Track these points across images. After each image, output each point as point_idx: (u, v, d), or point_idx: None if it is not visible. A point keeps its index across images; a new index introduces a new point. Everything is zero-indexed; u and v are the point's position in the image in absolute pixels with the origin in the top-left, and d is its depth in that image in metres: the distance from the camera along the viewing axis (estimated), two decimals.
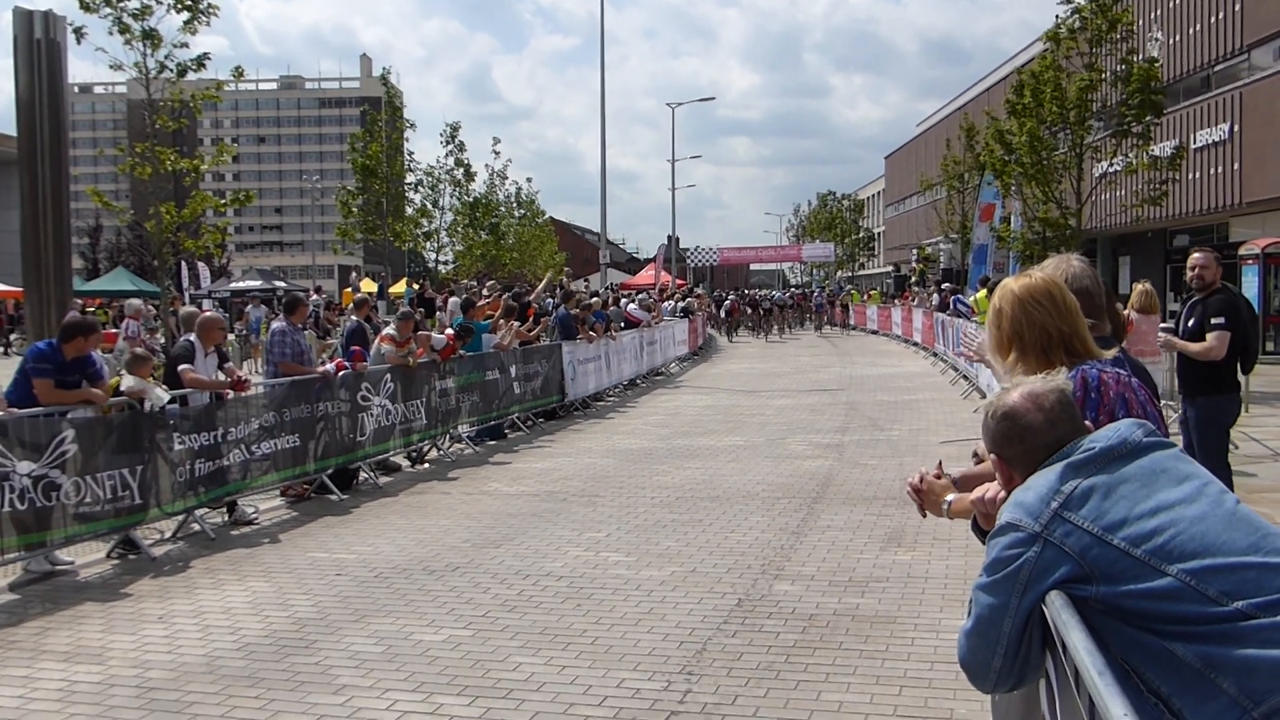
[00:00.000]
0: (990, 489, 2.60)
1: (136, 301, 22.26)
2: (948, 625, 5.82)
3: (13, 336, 36.39)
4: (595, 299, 22.15)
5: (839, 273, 78.67)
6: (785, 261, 79.93)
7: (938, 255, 48.69)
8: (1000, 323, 3.00)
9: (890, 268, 75.76)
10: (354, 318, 13.61)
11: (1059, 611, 2.03)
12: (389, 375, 11.67)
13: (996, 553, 2.25)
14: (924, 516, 3.21)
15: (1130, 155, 23.66)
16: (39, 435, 7.51)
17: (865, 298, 48.41)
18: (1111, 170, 24.43)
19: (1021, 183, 25.00)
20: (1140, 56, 24.07)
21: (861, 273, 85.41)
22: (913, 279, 46.47)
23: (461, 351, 13.64)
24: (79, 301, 14.70)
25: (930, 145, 60.05)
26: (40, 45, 12.29)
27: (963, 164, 40.94)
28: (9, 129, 13.89)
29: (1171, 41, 32.54)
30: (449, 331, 13.86)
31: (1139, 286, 10.34)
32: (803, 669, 5.36)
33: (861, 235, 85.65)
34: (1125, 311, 10.34)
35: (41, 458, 7.42)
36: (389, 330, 12.31)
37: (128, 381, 8.52)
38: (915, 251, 54.19)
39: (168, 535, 8.80)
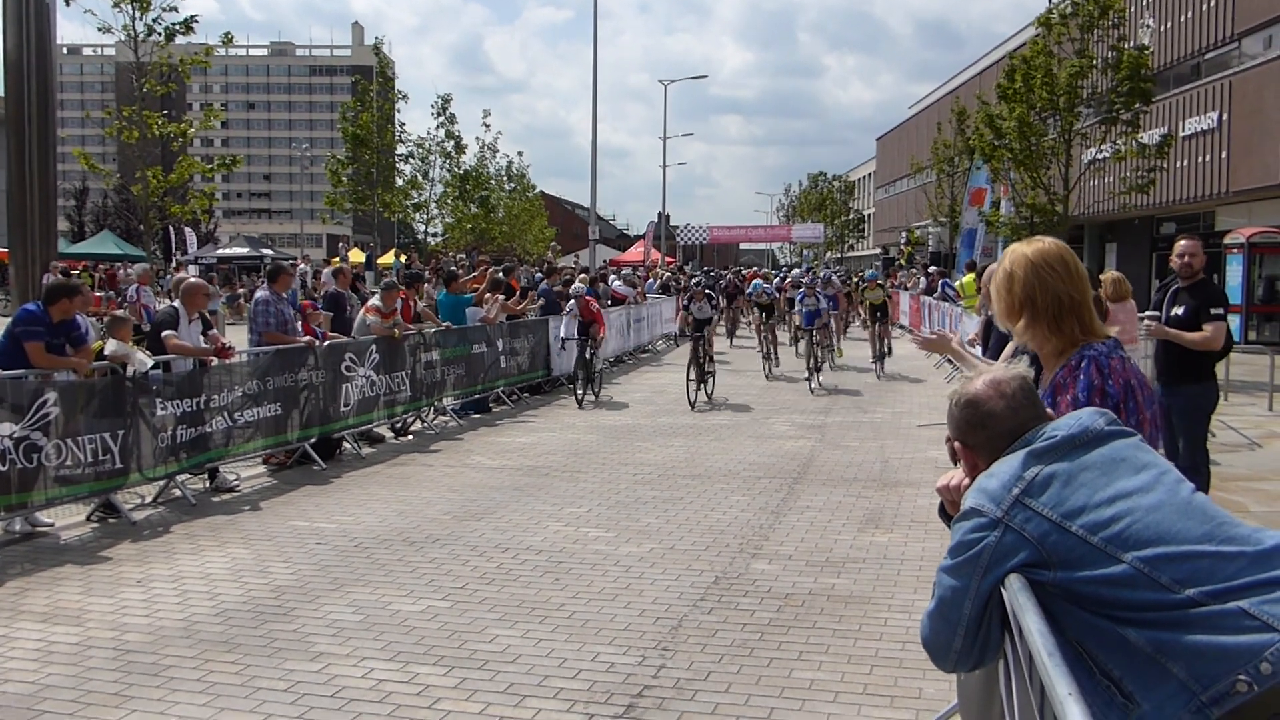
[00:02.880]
0: (955, 476, 2.64)
1: (143, 265, 22.10)
2: (921, 606, 5.84)
3: None
4: (583, 276, 22.15)
5: (828, 253, 78.67)
6: (775, 241, 79.81)
7: (926, 238, 48.78)
8: (1012, 286, 2.99)
9: (879, 250, 75.82)
10: (333, 286, 13.56)
11: (1016, 594, 2.08)
12: (374, 346, 11.67)
13: (959, 536, 2.30)
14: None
15: (1119, 142, 23.72)
16: (21, 397, 7.51)
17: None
18: (1100, 157, 24.49)
19: (1010, 168, 25.05)
20: (1131, 43, 24.07)
21: (850, 254, 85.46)
22: (900, 261, 46.58)
23: (448, 324, 13.66)
24: (59, 264, 14.59)
25: (922, 128, 60.00)
26: (29, 5, 12.18)
27: (953, 148, 40.95)
28: None
29: (1163, 28, 32.54)
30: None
31: (1109, 275, 10.38)
32: (776, 647, 5.42)
33: (852, 217, 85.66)
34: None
35: (23, 419, 7.42)
36: (374, 301, 12.30)
37: (111, 346, 8.51)
38: (905, 234, 54.27)
39: (148, 500, 8.82)
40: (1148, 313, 8.63)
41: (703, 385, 15.17)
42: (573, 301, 15.59)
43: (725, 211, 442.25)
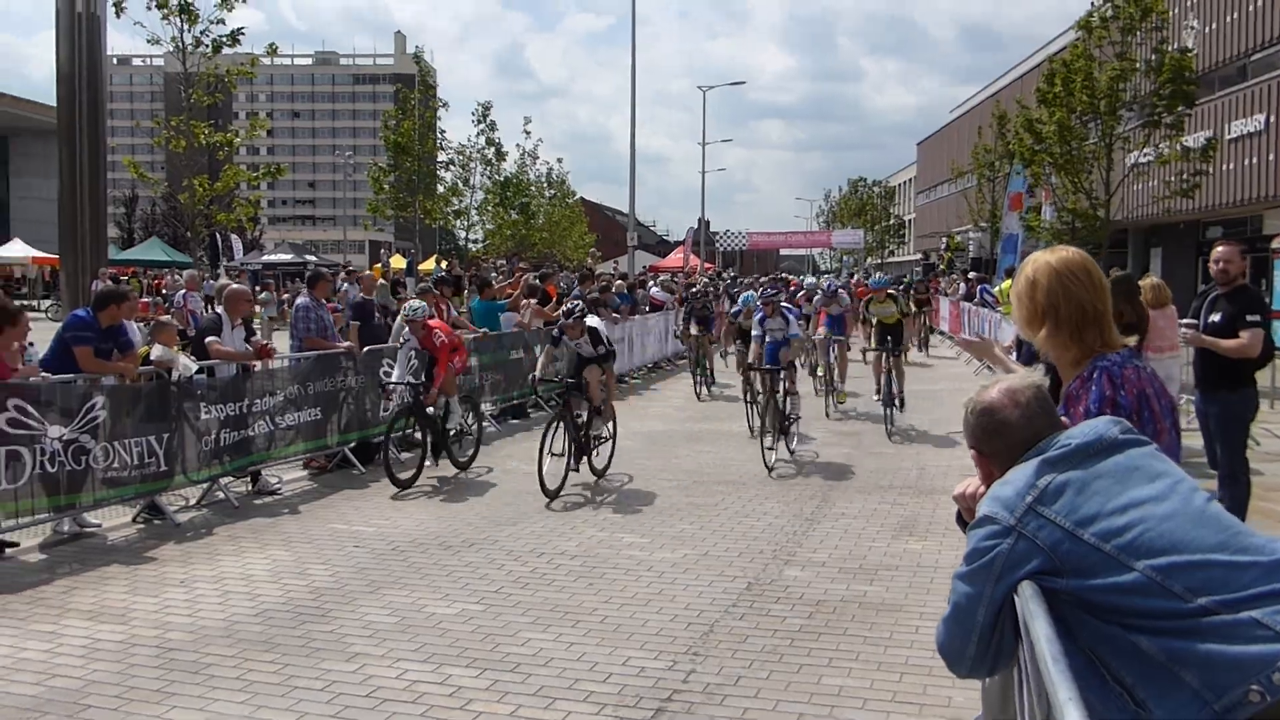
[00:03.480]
0: (971, 483, 2.67)
1: (191, 272, 22.50)
2: None
3: (47, 303, 36.92)
4: (621, 282, 22.24)
5: (868, 259, 78.26)
6: (815, 247, 79.63)
7: (967, 244, 48.43)
8: (1034, 295, 2.98)
9: (919, 255, 75.32)
10: (360, 294, 13.69)
11: (1027, 602, 2.11)
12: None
13: (973, 543, 2.33)
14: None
15: (1161, 146, 23.45)
16: (70, 401, 7.70)
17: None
18: (1142, 161, 24.22)
19: (1051, 172, 24.84)
20: (1174, 45, 23.81)
21: (890, 259, 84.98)
22: (940, 267, 46.28)
23: (484, 330, 13.78)
24: (108, 271, 14.89)
25: (963, 132, 59.55)
26: (81, 19, 12.50)
27: (993, 152, 40.65)
28: (50, 100, 14.10)
29: (1207, 30, 32.10)
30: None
31: (1148, 280, 10.27)
32: (806, 653, 5.45)
33: (892, 222, 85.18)
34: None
35: (72, 422, 7.61)
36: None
37: (156, 351, 8.70)
38: (945, 240, 53.90)
39: (192, 502, 8.99)
40: (1185, 319, 8.55)
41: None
42: (404, 325, 10.62)
43: (765, 217, 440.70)
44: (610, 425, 10.34)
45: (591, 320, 10.34)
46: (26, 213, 52.19)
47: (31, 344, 8.78)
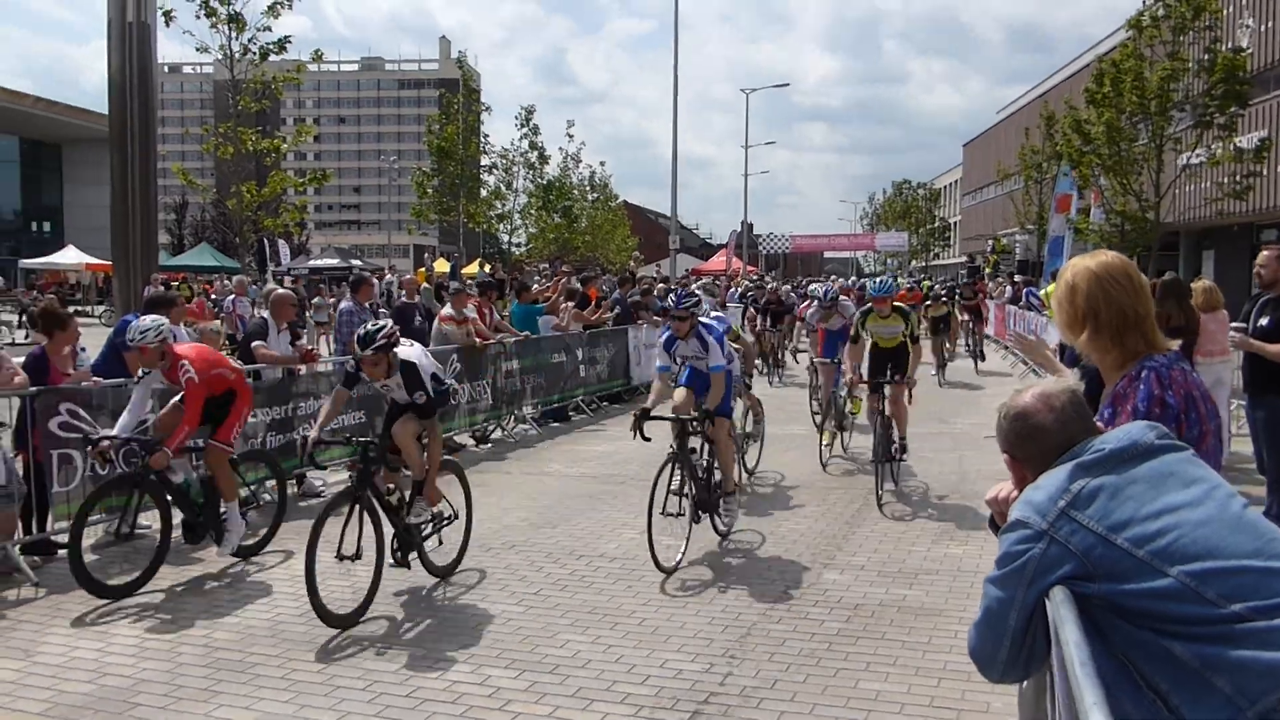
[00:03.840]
0: (1004, 488, 2.67)
1: (240, 277, 22.89)
2: None
3: (101, 308, 37.65)
4: (662, 285, 22.27)
5: (912, 262, 77.67)
6: (859, 250, 79.27)
7: (1013, 247, 47.92)
8: (1074, 299, 2.98)
9: (964, 258, 74.66)
10: (403, 298, 13.83)
11: (1058, 606, 2.11)
12: (455, 355, 11.92)
13: (1006, 548, 2.34)
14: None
15: (1214, 147, 23.07)
16: (121, 404, 7.85)
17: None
18: (1194, 162, 23.85)
19: (1099, 174, 24.53)
20: (1228, 45, 23.43)
21: (935, 263, 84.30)
22: (986, 270, 45.84)
23: (526, 333, 13.87)
24: (159, 276, 15.18)
25: (1010, 134, 58.96)
26: (132, 28, 12.70)
27: (1041, 153, 40.20)
28: (101, 108, 14.39)
29: (1263, 28, 31.53)
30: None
31: (1200, 284, 10.11)
32: (844, 657, 5.44)
33: (937, 225, 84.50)
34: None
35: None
36: (446, 310, 12.52)
37: None
38: (991, 243, 53.38)
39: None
40: (1235, 323, 8.42)
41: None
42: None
43: (808, 220, 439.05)
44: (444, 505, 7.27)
45: (405, 352, 6.96)
46: (80, 220, 53.29)
47: (84, 349, 8.95)
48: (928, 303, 20.45)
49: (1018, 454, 2.54)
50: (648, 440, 7.29)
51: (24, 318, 29.51)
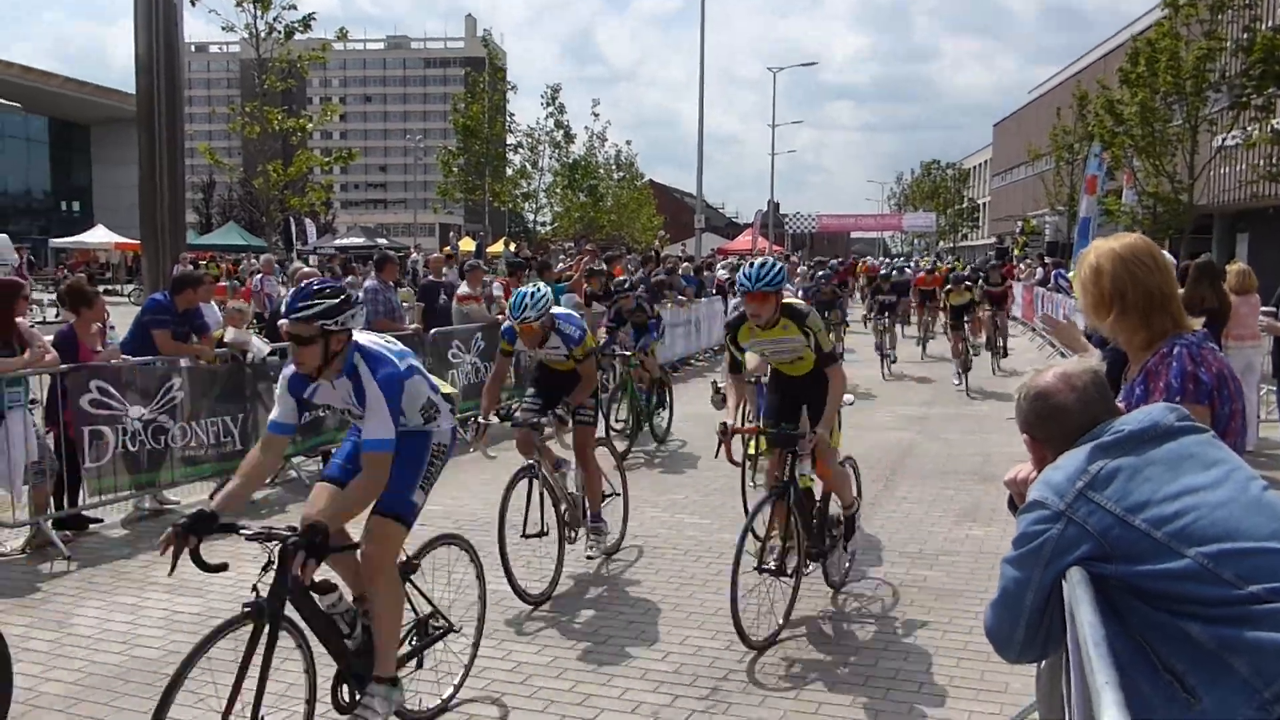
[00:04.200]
0: (1023, 469, 2.67)
1: (268, 256, 23.05)
2: None
3: (129, 287, 38.00)
4: (687, 265, 22.25)
5: (940, 243, 77.17)
6: (886, 230, 78.73)
7: (1043, 228, 47.49)
8: (1100, 281, 2.97)
9: (993, 239, 74.08)
10: (429, 276, 13.89)
11: (1074, 587, 2.11)
12: (479, 334, 11.97)
13: (1023, 528, 2.33)
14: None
15: (1250, 128, 22.75)
16: (149, 382, 7.97)
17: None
18: (1229, 144, 23.53)
19: (1132, 155, 24.24)
20: (1268, 24, 23.05)
21: (964, 244, 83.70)
22: (1016, 251, 45.48)
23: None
24: (187, 255, 15.31)
25: (1042, 113, 58.29)
26: (158, 7, 12.79)
27: (1073, 134, 39.76)
28: (129, 88, 14.50)
29: None
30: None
31: (1234, 267, 10.00)
32: (863, 636, 5.46)
33: (965, 205, 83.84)
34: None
35: (151, 403, 7.88)
36: (463, 288, 12.57)
37: (230, 334, 8.95)
38: (1020, 224, 52.93)
39: (266, 481, 9.22)
40: (1265, 308, 8.35)
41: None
42: None
43: (835, 200, 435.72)
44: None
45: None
46: (109, 199, 53.79)
47: (112, 326, 9.07)
48: (948, 287, 17.18)
49: (1038, 434, 2.53)
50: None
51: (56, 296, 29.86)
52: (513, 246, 38.08)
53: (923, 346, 19.66)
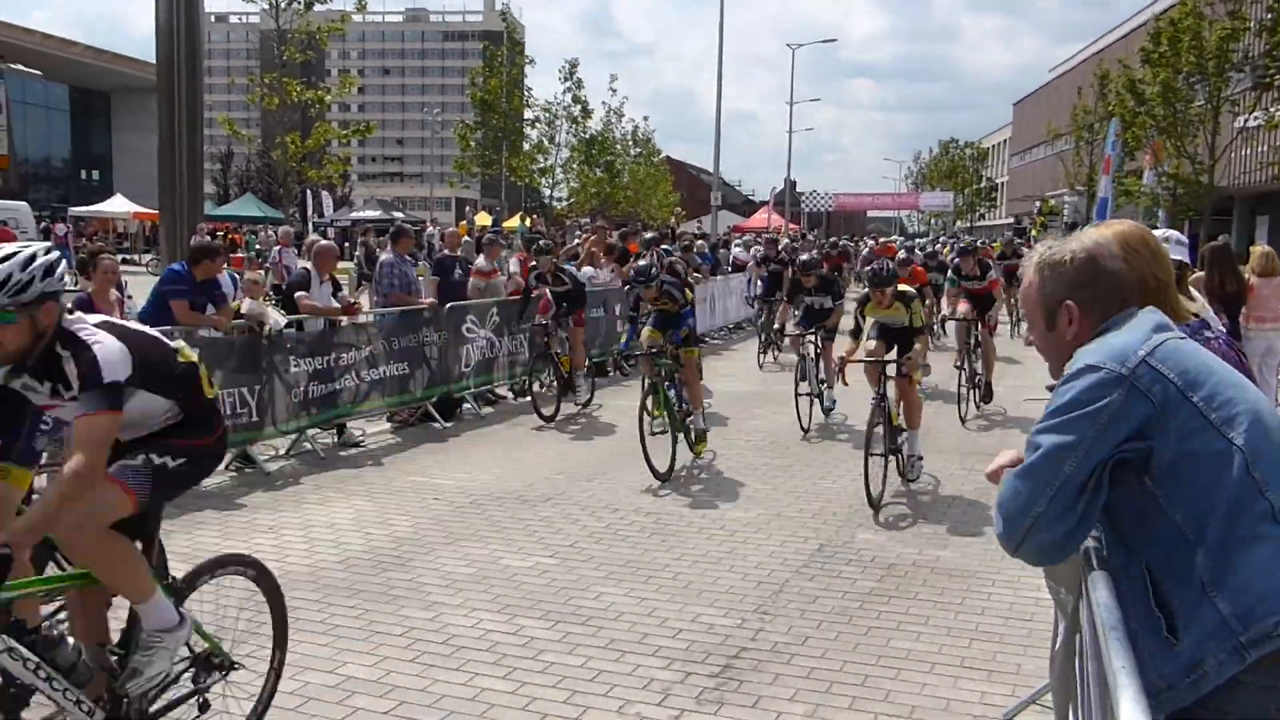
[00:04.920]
0: (1008, 456, 2.59)
1: (285, 228, 23.09)
2: (1027, 582, 5.84)
3: (148, 257, 38.14)
4: (701, 242, 22.18)
5: (957, 223, 76.73)
6: (903, 209, 78.28)
7: (1061, 208, 47.17)
8: None
9: (1011, 219, 73.62)
10: (444, 250, 13.90)
11: (1091, 553, 2.09)
12: (494, 309, 11.97)
13: (1073, 394, 2.16)
14: None
15: (1272, 110, 22.50)
16: None
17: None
18: (1251, 125, 23.29)
19: (1152, 135, 24.02)
20: None
21: (981, 224, 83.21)
22: (1033, 231, 45.19)
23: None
24: (205, 226, 15.35)
25: (1062, 93, 57.80)
26: None
27: (1093, 113, 39.42)
28: (149, 57, 14.48)
29: None
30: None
31: (1257, 249, 9.91)
32: (875, 616, 5.46)
33: (983, 185, 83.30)
34: (1246, 275, 9.97)
35: None
36: (480, 262, 12.55)
37: (247, 305, 8.98)
38: (1038, 204, 52.57)
39: (281, 452, 9.29)
40: None
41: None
42: None
43: (853, 178, 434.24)
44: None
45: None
46: (128, 168, 53.88)
47: (130, 296, 9.11)
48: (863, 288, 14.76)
49: (1077, 296, 2.37)
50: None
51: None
52: (528, 222, 38.09)
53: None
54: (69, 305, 3.49)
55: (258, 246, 32.95)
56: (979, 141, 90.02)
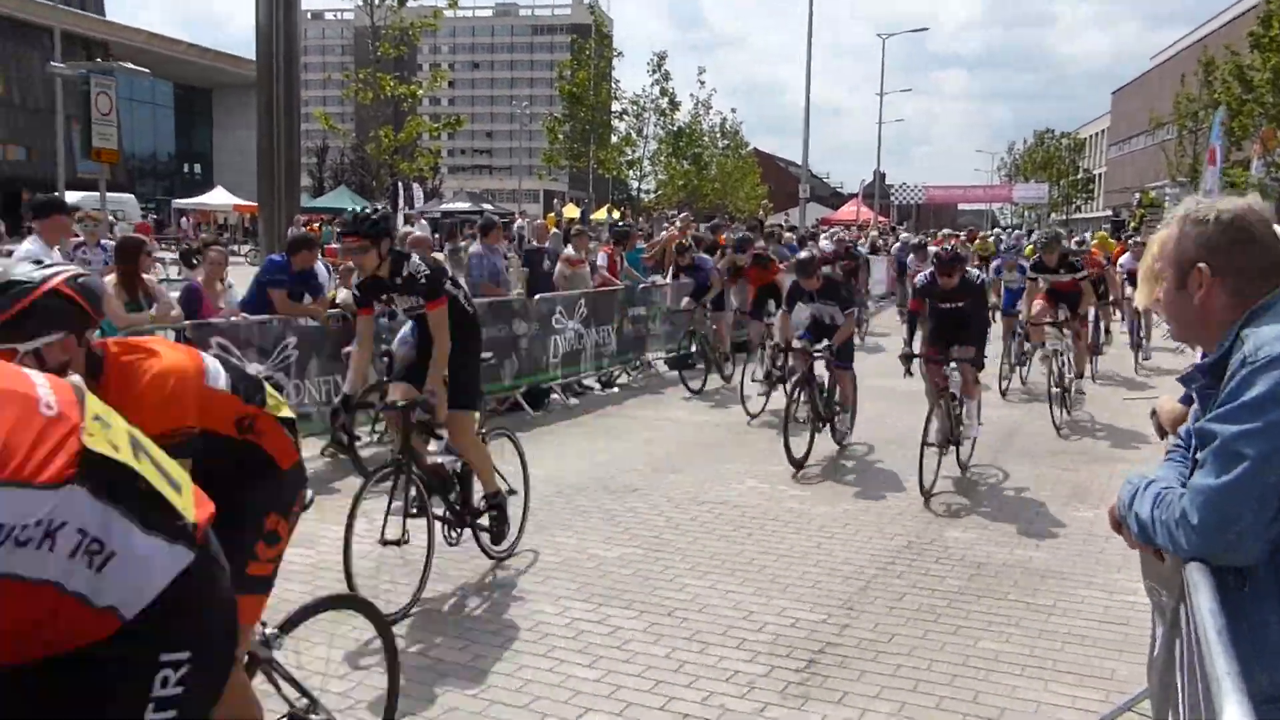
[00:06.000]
0: (1167, 401, 2.48)
1: None
2: (1122, 585, 5.71)
3: (246, 248, 39.22)
4: (789, 234, 22.02)
5: (1051, 215, 74.89)
6: (995, 202, 76.58)
7: (1162, 200, 45.70)
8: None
9: (1108, 212, 71.58)
10: (534, 242, 14.04)
11: (1191, 571, 2.05)
12: (582, 300, 12.06)
13: (1266, 389, 1.96)
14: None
15: None
16: (266, 340, 8.25)
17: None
18: None
19: (1261, 124, 23.15)
20: None
21: (1077, 216, 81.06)
22: (1132, 224, 43.87)
23: (653, 279, 13.92)
24: (301, 218, 15.73)
25: (1164, 80, 55.98)
26: None
27: (1197, 101, 38.08)
28: (249, 54, 14.89)
29: None
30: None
31: None
32: (964, 615, 5.39)
33: (1080, 176, 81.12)
34: None
35: (268, 360, 8.16)
36: (568, 251, 12.64)
37: (342, 294, 9.19)
38: (1138, 196, 51.02)
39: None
40: None
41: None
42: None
43: (943, 171, 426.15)
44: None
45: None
46: (228, 162, 55.52)
47: (231, 285, 9.38)
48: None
49: (1217, 261, 2.19)
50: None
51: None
52: (616, 214, 38.22)
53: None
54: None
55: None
56: (1075, 132, 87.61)
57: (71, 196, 24.59)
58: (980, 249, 19.30)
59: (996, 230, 44.03)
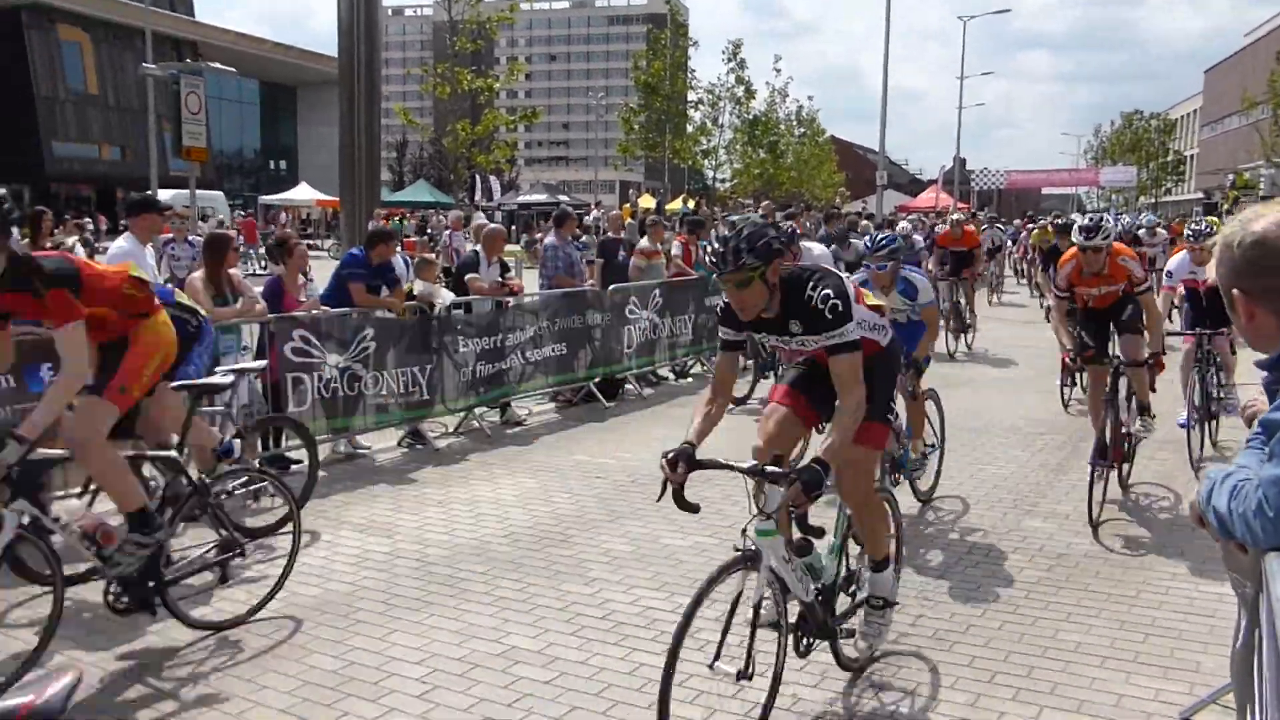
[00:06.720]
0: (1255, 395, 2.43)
1: (456, 212, 23.86)
2: (1209, 575, 5.56)
3: (328, 242, 40.02)
4: (866, 222, 21.76)
5: (1140, 199, 72.79)
6: (1080, 186, 74.63)
7: (1257, 181, 44.15)
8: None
9: (1200, 194, 69.35)
10: (608, 233, 14.09)
11: (1269, 561, 1.99)
12: (657, 290, 12.07)
13: None
14: None
15: None
16: (345, 333, 8.42)
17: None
18: None
19: None
20: None
21: (1167, 199, 78.70)
22: (1225, 206, 42.44)
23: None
24: (381, 211, 16.01)
25: (1260, 58, 53.99)
26: None
27: None
28: (331, 52, 15.18)
29: None
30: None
31: None
32: (1043, 606, 5.29)
33: (1170, 158, 78.70)
34: None
35: (347, 353, 8.33)
36: (643, 243, 12.66)
37: (419, 287, 9.34)
38: (1231, 177, 49.35)
39: (450, 430, 9.63)
40: None
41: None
42: None
43: (1026, 155, 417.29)
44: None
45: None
46: (312, 158, 56.70)
47: (311, 279, 9.59)
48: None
49: (1247, 285, 2.20)
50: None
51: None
52: (691, 203, 38.14)
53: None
54: None
55: (431, 231, 34.07)
56: (1165, 112, 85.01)
57: (164, 194, 25.40)
58: (1038, 239, 18.34)
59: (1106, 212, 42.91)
